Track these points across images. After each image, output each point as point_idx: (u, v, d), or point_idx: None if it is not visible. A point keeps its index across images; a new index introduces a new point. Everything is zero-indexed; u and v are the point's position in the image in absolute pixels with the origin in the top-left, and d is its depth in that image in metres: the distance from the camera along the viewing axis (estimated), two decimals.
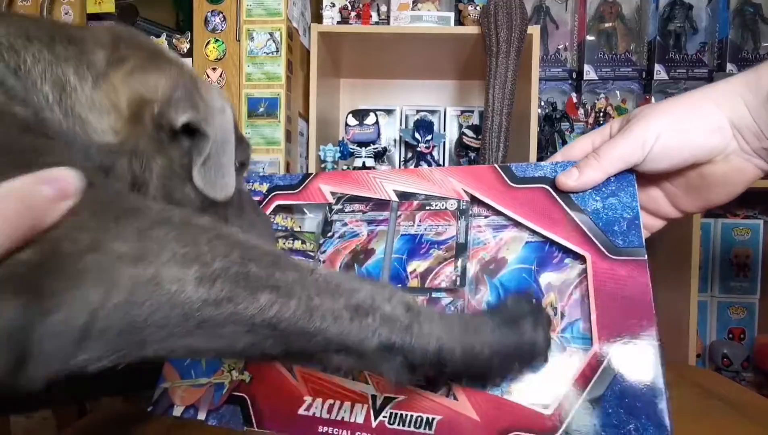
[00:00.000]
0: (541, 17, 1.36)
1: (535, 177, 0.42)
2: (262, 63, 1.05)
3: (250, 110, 1.05)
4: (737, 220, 1.26)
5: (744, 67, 1.28)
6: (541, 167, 0.42)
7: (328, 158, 1.14)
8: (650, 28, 1.31)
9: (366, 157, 1.17)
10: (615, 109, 1.20)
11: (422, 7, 1.17)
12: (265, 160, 1.05)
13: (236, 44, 1.05)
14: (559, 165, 0.42)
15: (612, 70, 1.33)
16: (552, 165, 0.42)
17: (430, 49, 1.20)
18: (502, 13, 1.03)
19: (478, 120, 1.37)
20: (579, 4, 1.35)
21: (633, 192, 0.38)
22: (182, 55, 1.08)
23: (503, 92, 1.01)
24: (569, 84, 1.36)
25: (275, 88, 1.05)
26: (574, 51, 1.37)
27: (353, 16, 1.15)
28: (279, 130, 1.05)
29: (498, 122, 1.00)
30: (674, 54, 1.30)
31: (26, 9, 1.10)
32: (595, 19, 1.34)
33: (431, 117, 1.36)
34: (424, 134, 1.19)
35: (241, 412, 0.41)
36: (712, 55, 1.31)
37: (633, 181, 0.39)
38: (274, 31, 1.05)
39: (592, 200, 0.39)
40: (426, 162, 1.21)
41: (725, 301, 1.26)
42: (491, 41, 1.04)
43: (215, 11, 1.05)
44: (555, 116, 1.20)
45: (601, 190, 0.39)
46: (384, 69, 1.37)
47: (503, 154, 1.01)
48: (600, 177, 0.39)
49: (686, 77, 1.30)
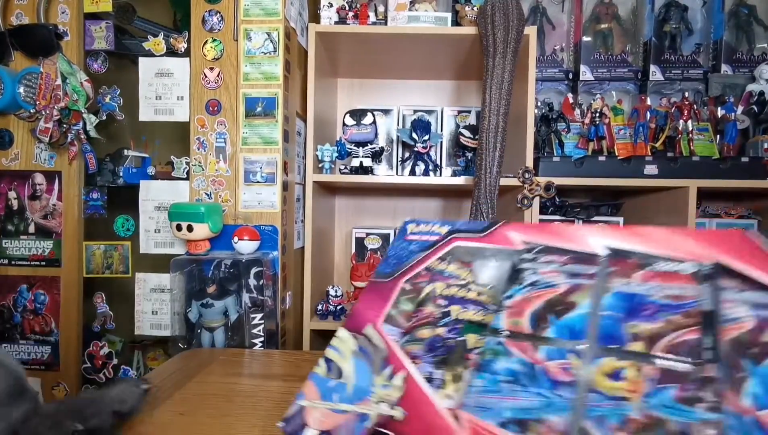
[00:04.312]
0: (538, 18, 1.36)
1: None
2: (259, 63, 1.05)
3: (247, 110, 1.05)
4: (732, 219, 1.27)
5: (739, 68, 1.29)
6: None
7: (326, 158, 1.14)
8: (646, 29, 1.32)
9: (363, 156, 1.17)
10: (611, 110, 1.21)
11: (419, 8, 1.17)
12: (262, 159, 1.05)
13: (234, 44, 1.05)
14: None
15: (608, 70, 1.33)
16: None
17: (428, 50, 1.20)
18: (498, 13, 1.03)
19: (475, 120, 1.38)
20: (575, 5, 1.36)
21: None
22: (180, 54, 1.08)
23: (500, 92, 1.01)
24: (565, 84, 1.37)
25: (273, 88, 1.05)
26: (570, 52, 1.38)
27: (351, 17, 1.15)
28: (276, 130, 1.05)
29: (495, 122, 1.01)
30: (670, 55, 1.31)
31: (23, 9, 1.09)
32: (591, 20, 1.35)
33: (428, 117, 1.37)
34: (422, 134, 1.20)
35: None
36: (707, 56, 1.33)
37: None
38: (271, 30, 1.05)
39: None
40: (423, 162, 1.21)
41: None
42: (488, 42, 1.04)
43: (213, 11, 1.06)
44: (551, 116, 1.21)
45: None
46: (381, 69, 1.38)
47: (500, 154, 1.01)
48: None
49: (681, 78, 1.31)
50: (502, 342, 0.40)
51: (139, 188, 1.10)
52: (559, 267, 0.42)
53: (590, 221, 1.28)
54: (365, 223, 1.48)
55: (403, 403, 0.38)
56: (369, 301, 0.49)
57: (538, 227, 0.46)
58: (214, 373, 0.70)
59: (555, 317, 0.39)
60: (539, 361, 0.37)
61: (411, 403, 0.38)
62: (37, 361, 1.12)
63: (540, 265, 0.43)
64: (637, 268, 0.39)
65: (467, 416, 0.36)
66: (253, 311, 0.97)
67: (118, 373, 1.12)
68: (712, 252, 0.38)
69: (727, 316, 0.35)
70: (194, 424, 0.53)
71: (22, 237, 1.12)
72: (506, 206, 1.22)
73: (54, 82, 1.03)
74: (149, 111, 1.10)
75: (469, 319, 0.43)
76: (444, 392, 0.38)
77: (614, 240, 0.42)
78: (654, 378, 0.33)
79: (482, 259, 0.46)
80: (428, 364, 0.41)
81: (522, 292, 0.42)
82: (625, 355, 0.35)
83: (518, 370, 0.37)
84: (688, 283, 0.37)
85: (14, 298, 1.12)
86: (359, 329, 0.47)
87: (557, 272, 0.42)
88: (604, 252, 0.42)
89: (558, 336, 0.38)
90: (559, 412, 0.33)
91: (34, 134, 1.03)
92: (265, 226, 1.04)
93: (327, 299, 1.19)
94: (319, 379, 0.44)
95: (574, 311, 0.39)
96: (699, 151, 1.18)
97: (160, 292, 1.11)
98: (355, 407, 0.40)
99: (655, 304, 0.37)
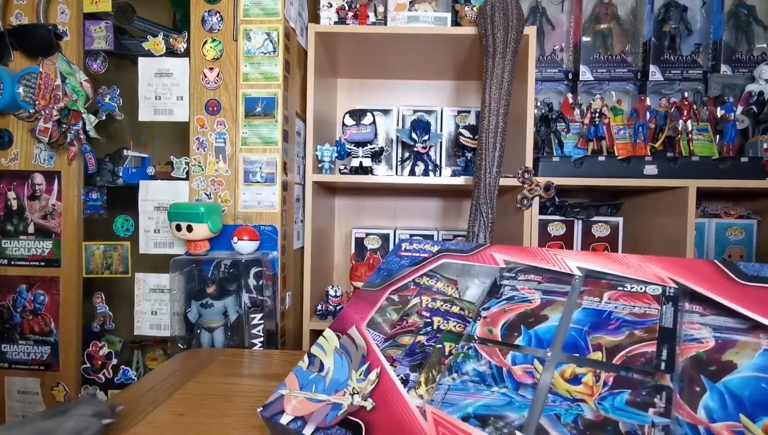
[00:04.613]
0: (538, 18, 1.36)
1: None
2: (259, 63, 1.05)
3: (247, 110, 1.05)
4: (731, 220, 1.27)
5: (738, 68, 1.29)
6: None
7: (325, 158, 1.14)
8: (645, 29, 1.32)
9: (363, 156, 1.17)
10: (611, 110, 1.21)
11: (419, 8, 1.17)
12: (262, 159, 1.05)
13: (233, 44, 1.05)
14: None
15: (607, 70, 1.33)
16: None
17: (427, 50, 1.20)
18: (498, 13, 1.03)
19: (475, 120, 1.38)
20: (575, 5, 1.36)
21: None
22: (179, 54, 1.08)
23: (500, 92, 1.01)
24: (565, 84, 1.37)
25: (272, 88, 1.05)
26: (570, 52, 1.38)
27: (350, 17, 1.15)
28: (276, 130, 1.05)
29: (494, 122, 1.01)
30: (669, 55, 1.31)
31: (22, 9, 1.09)
32: (590, 20, 1.35)
33: (428, 117, 1.37)
34: (421, 134, 1.20)
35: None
36: (707, 56, 1.33)
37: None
38: (271, 31, 1.05)
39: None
40: (423, 162, 1.21)
41: None
42: (488, 42, 1.04)
43: (212, 11, 1.06)
44: (551, 116, 1.21)
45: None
46: (381, 69, 1.38)
47: (499, 154, 1.01)
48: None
49: (681, 78, 1.31)
50: (474, 346, 0.43)
51: (138, 188, 1.10)
52: (536, 285, 0.46)
53: (590, 221, 1.28)
54: (365, 223, 1.48)
55: (375, 395, 0.41)
56: (356, 307, 0.53)
57: (520, 250, 0.50)
58: (214, 374, 0.70)
59: (526, 328, 0.43)
60: (506, 364, 0.40)
61: (382, 396, 0.41)
62: (36, 362, 1.12)
63: (519, 282, 0.47)
64: (608, 289, 0.43)
65: (432, 409, 0.38)
66: (252, 311, 0.97)
67: (117, 373, 1.12)
68: (681, 278, 0.41)
69: (688, 336, 0.38)
70: (193, 425, 0.53)
71: (21, 237, 1.12)
72: (506, 206, 1.22)
73: (53, 82, 1.03)
74: (149, 111, 1.10)
75: (450, 329, 0.46)
76: (417, 392, 0.40)
77: (588, 263, 0.46)
78: (609, 383, 0.36)
79: (467, 276, 0.50)
80: (405, 367, 0.43)
81: (498, 305, 0.46)
82: (585, 363, 0.38)
83: (485, 371, 0.40)
84: (653, 302, 0.41)
85: (14, 298, 1.12)
86: (344, 330, 0.51)
87: (534, 290, 0.46)
88: (579, 273, 0.45)
89: (526, 344, 0.41)
90: (518, 410, 0.36)
91: (34, 134, 1.03)
92: (264, 227, 1.04)
93: (327, 299, 1.19)
94: (301, 372, 0.47)
95: (544, 323, 0.42)
96: (698, 151, 1.18)
97: (160, 292, 1.11)
98: (329, 397, 0.42)
99: (618, 320, 0.40)
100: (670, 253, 1.12)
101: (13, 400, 1.13)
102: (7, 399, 1.13)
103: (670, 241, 1.12)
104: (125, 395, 0.62)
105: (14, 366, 1.12)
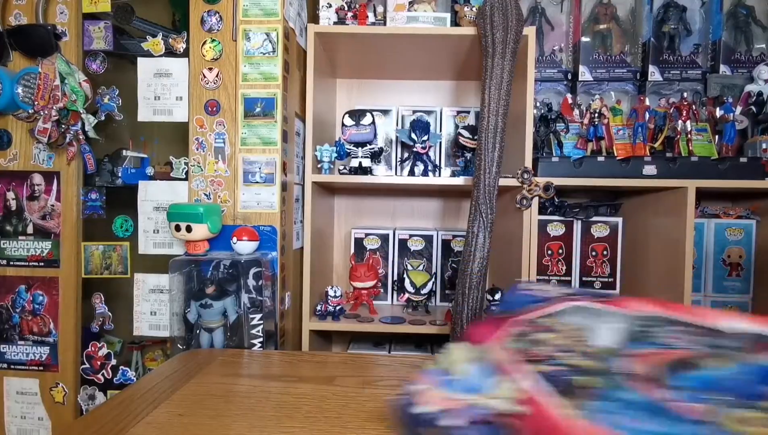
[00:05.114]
0: (537, 18, 1.36)
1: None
2: (258, 63, 1.05)
3: (246, 110, 1.05)
4: (730, 220, 1.27)
5: (737, 68, 1.30)
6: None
7: (325, 158, 1.14)
8: (645, 29, 1.33)
9: (362, 157, 1.17)
10: (610, 110, 1.21)
11: (418, 8, 1.17)
12: (261, 159, 1.05)
13: (233, 44, 1.05)
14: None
15: (607, 71, 1.34)
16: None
17: (427, 50, 1.20)
18: (497, 14, 1.03)
19: (474, 120, 1.38)
20: (574, 6, 1.36)
21: None
22: (179, 54, 1.08)
23: (499, 93, 1.01)
24: (564, 85, 1.37)
25: (272, 88, 1.05)
26: (569, 52, 1.38)
27: (350, 17, 1.15)
28: (275, 130, 1.05)
29: (494, 122, 1.01)
30: (668, 55, 1.31)
31: (22, 9, 1.09)
32: (590, 21, 1.35)
33: (427, 117, 1.37)
34: (421, 134, 1.20)
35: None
36: (706, 56, 1.33)
37: None
38: (270, 31, 1.05)
39: None
40: (422, 162, 1.21)
41: (718, 301, 1.27)
42: (487, 42, 1.04)
43: (211, 11, 1.05)
44: (550, 117, 1.21)
45: None
46: (380, 69, 1.38)
47: (499, 154, 1.01)
48: None
49: (680, 78, 1.31)
50: (622, 379, 0.39)
51: (137, 189, 1.10)
52: (683, 335, 0.41)
53: (589, 221, 1.28)
54: (364, 224, 1.48)
55: (521, 402, 0.38)
56: (484, 330, 0.50)
57: (660, 303, 0.45)
58: (213, 374, 0.70)
59: (681, 371, 0.38)
60: (665, 398, 0.36)
61: (529, 404, 0.38)
62: (35, 362, 1.11)
63: (664, 331, 0.42)
64: None
65: (584, 422, 0.35)
66: (252, 312, 0.97)
67: (117, 373, 1.12)
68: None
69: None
70: (193, 425, 0.53)
71: (20, 237, 1.12)
72: (505, 206, 1.22)
73: (52, 82, 1.03)
74: (148, 111, 1.10)
75: (577, 364, 0.42)
76: (566, 406, 0.38)
77: (746, 323, 0.40)
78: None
79: (597, 320, 0.46)
80: None
81: (643, 348, 0.41)
82: (758, 409, 0.35)
83: (640, 401, 0.37)
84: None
85: (13, 298, 1.11)
86: (472, 343, 0.48)
87: (682, 339, 0.41)
88: (733, 330, 0.40)
89: (682, 384, 0.37)
90: None
91: (33, 134, 1.03)
92: (264, 227, 1.04)
93: (326, 300, 1.19)
94: (434, 371, 0.44)
95: (701, 370, 0.38)
96: (698, 151, 1.18)
97: (159, 292, 1.11)
98: (476, 397, 0.40)
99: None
100: (669, 252, 1.12)
101: (12, 401, 1.13)
102: (5, 400, 1.12)
103: (669, 241, 1.13)
104: (125, 395, 0.62)
105: (13, 366, 1.12)
